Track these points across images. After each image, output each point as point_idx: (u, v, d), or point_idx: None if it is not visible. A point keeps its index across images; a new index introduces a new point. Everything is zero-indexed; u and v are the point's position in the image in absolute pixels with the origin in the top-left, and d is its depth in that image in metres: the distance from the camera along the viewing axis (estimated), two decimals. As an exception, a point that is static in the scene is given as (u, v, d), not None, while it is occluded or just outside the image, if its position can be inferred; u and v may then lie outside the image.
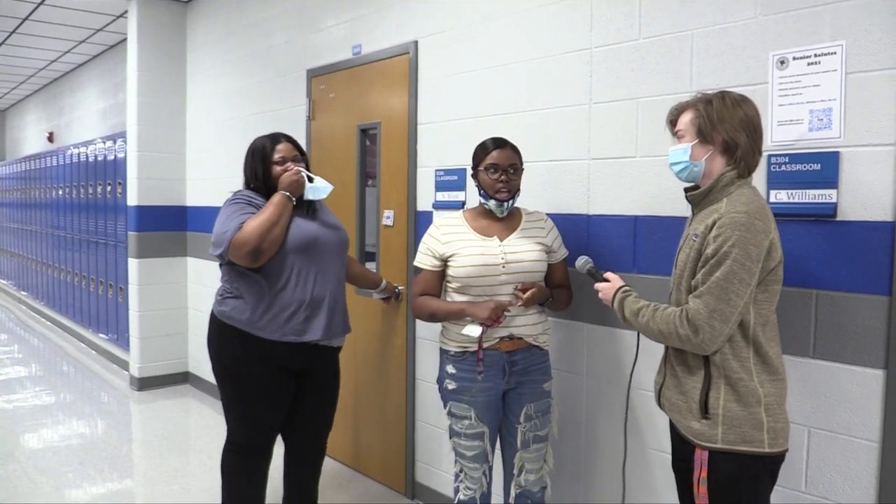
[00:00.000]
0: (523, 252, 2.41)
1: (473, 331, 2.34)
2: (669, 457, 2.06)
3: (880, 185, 1.89)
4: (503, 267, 2.38)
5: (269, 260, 2.55)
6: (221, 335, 2.69)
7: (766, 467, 1.76)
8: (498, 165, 2.40)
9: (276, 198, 2.58)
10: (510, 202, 2.44)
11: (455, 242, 2.44)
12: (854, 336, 1.95)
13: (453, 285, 2.45)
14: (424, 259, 2.51)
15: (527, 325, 2.42)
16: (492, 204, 2.43)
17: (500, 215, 2.47)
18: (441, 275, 2.50)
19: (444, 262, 2.46)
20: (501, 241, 2.43)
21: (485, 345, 2.38)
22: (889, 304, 1.89)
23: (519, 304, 2.35)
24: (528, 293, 2.34)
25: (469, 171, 3.06)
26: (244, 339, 2.61)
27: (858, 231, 1.93)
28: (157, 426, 4.74)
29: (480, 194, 2.47)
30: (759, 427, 1.72)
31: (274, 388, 2.68)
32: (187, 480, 3.79)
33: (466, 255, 2.40)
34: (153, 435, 4.57)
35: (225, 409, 2.77)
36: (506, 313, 2.34)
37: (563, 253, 2.55)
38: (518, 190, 2.46)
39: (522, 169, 2.47)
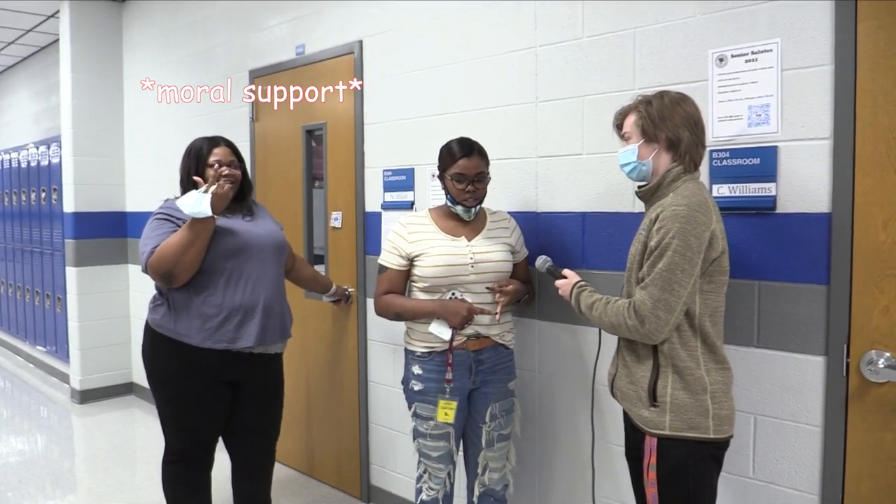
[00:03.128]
0: (491, 252, 2.41)
1: (443, 332, 2.35)
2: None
3: (817, 178, 1.95)
4: (472, 267, 2.37)
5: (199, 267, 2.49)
6: (154, 344, 2.63)
7: (712, 453, 1.82)
8: (464, 175, 2.37)
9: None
10: (477, 207, 2.43)
11: (422, 242, 2.42)
12: (795, 325, 2.01)
13: (419, 285, 2.43)
14: (390, 258, 2.47)
15: (493, 323, 2.41)
16: (459, 210, 2.42)
17: (468, 219, 2.45)
18: (406, 274, 2.47)
19: (411, 261, 2.44)
20: (469, 241, 2.43)
21: (453, 344, 2.37)
22: (827, 293, 1.95)
23: (497, 317, 2.36)
24: (506, 298, 2.36)
25: (416, 169, 3.07)
26: (177, 348, 2.55)
27: (797, 223, 1.99)
28: (100, 439, 4.59)
29: (447, 198, 2.44)
30: (705, 414, 1.77)
31: (208, 398, 2.62)
32: (134, 494, 3.68)
33: (435, 255, 2.38)
34: (97, 449, 4.42)
35: (161, 419, 2.70)
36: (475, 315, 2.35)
37: (524, 252, 2.56)
38: (485, 194, 2.45)
39: (490, 176, 2.45)
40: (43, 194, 6.13)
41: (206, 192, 2.42)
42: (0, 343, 7.59)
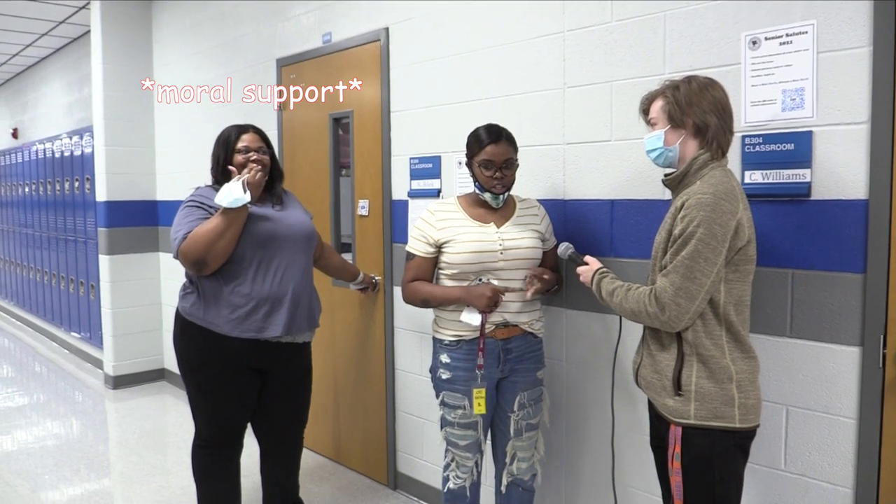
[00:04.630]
0: (520, 239, 2.39)
1: (473, 319, 2.33)
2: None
3: (853, 164, 1.90)
4: (501, 254, 2.36)
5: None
6: (184, 332, 2.66)
7: (738, 442, 1.79)
8: (492, 162, 2.34)
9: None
10: (506, 194, 2.40)
11: (451, 228, 2.40)
12: (830, 314, 1.96)
13: (447, 272, 2.42)
14: (418, 245, 2.46)
15: (522, 311, 2.40)
16: (487, 196, 2.39)
17: (496, 207, 2.43)
18: (434, 261, 2.46)
19: (439, 248, 2.42)
20: (498, 227, 2.41)
21: (484, 330, 2.35)
22: (863, 282, 1.90)
23: (529, 294, 2.34)
24: (540, 285, 2.35)
25: (443, 156, 3.06)
26: (206, 335, 2.57)
27: (832, 210, 1.94)
28: (133, 424, 4.67)
29: (475, 185, 2.42)
30: (731, 403, 1.75)
31: (237, 385, 2.65)
32: (166, 478, 3.74)
33: (464, 242, 2.36)
34: (130, 433, 4.51)
35: (191, 405, 2.75)
36: (502, 297, 2.33)
37: (554, 240, 2.52)
38: (513, 181, 2.42)
39: (518, 162, 2.42)
40: (76, 184, 6.23)
41: (237, 180, 2.45)
42: (36, 329, 7.76)
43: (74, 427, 4.70)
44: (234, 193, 2.42)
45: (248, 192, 2.45)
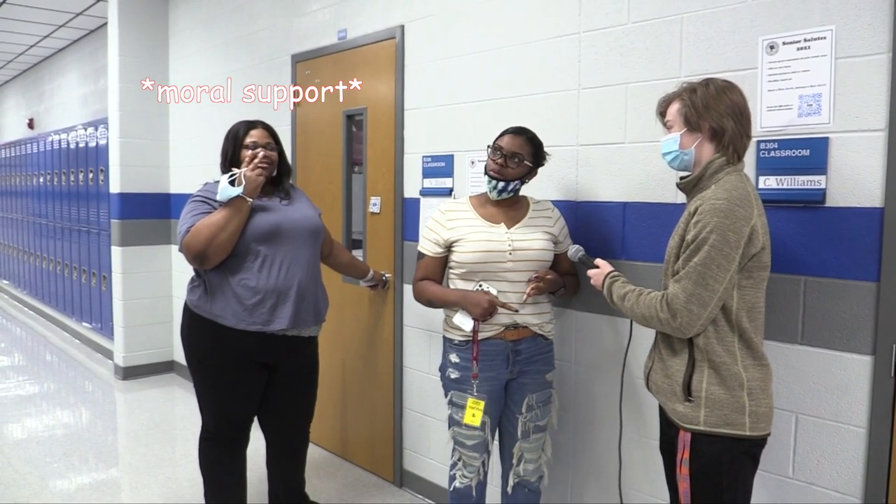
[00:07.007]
0: (530, 240, 2.38)
1: (465, 323, 2.34)
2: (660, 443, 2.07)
3: (869, 171, 1.89)
4: (510, 254, 2.35)
5: (233, 249, 2.54)
6: (192, 325, 2.68)
7: (747, 450, 1.78)
8: (501, 148, 2.37)
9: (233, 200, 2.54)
10: (500, 184, 2.38)
11: (460, 228, 2.41)
12: (842, 322, 1.95)
13: (457, 271, 2.42)
14: (427, 245, 2.47)
15: (533, 313, 2.39)
16: (485, 181, 2.40)
17: (492, 196, 2.42)
18: (444, 261, 2.47)
19: (448, 247, 2.43)
20: (509, 228, 2.41)
21: (490, 333, 2.36)
22: (877, 291, 1.89)
23: (524, 296, 2.33)
24: (540, 284, 2.34)
25: (456, 155, 3.06)
26: (213, 328, 2.59)
27: (847, 217, 1.92)
28: (142, 415, 4.70)
29: (484, 175, 2.44)
30: (741, 411, 1.74)
31: (243, 379, 2.66)
32: (173, 469, 3.76)
33: (472, 241, 2.37)
34: (138, 424, 4.53)
35: (198, 398, 2.76)
36: (498, 309, 2.33)
37: (569, 243, 2.50)
38: (516, 180, 2.39)
39: (528, 164, 2.39)
40: (90, 175, 6.27)
41: (232, 174, 2.52)
42: (48, 318, 7.82)
43: (84, 417, 4.74)
44: (225, 181, 2.51)
45: (239, 186, 2.50)
